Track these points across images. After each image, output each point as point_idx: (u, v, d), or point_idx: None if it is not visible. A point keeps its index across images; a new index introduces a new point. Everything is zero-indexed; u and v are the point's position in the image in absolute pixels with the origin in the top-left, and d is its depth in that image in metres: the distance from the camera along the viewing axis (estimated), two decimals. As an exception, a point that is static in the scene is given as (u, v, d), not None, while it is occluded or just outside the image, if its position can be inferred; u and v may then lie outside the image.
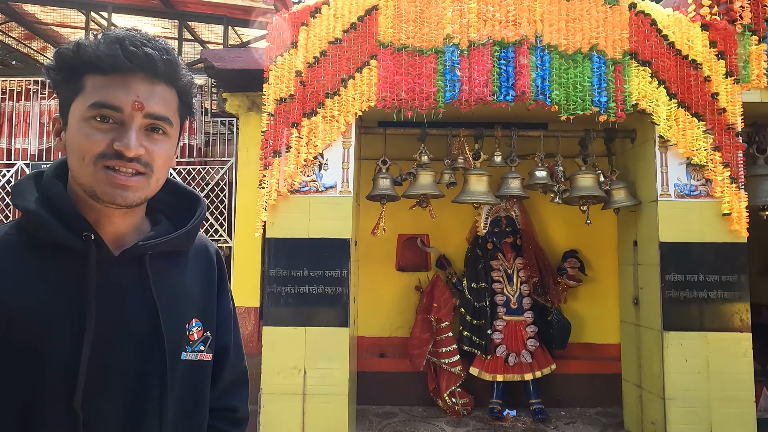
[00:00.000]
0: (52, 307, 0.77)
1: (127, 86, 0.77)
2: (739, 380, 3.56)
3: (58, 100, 0.83)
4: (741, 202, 3.63)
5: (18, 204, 0.80)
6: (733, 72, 3.72)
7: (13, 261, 0.77)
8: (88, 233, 0.79)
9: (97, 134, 0.77)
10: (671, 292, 3.64)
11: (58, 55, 0.79)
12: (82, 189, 0.80)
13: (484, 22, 3.76)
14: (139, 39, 0.78)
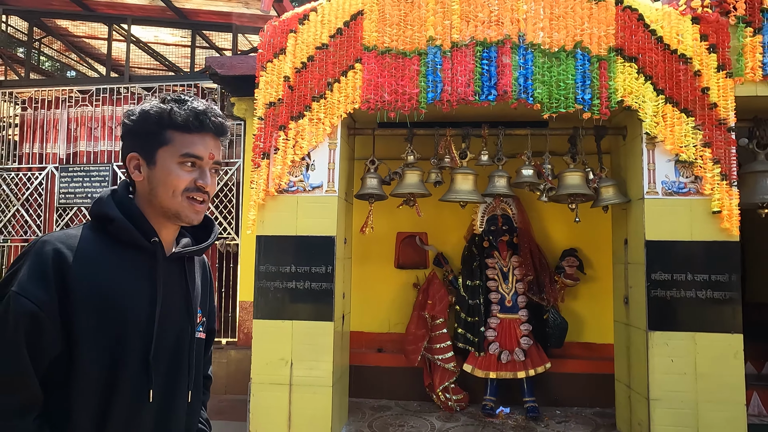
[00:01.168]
0: (134, 286, 1.08)
1: (205, 143, 1.12)
2: (729, 383, 3.46)
3: (134, 144, 1.12)
4: (732, 200, 3.52)
5: (106, 213, 1.08)
6: (725, 65, 3.60)
7: (103, 253, 1.06)
8: (156, 238, 1.11)
9: (186, 174, 1.10)
10: (657, 291, 3.58)
11: (145, 115, 1.09)
12: (164, 211, 1.11)
13: (466, 22, 3.80)
14: (214, 111, 1.13)
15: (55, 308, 0.97)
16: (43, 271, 0.98)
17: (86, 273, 1.01)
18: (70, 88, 5.65)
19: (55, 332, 0.98)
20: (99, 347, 1.01)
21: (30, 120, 5.66)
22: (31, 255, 1.00)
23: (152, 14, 5.56)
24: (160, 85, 5.50)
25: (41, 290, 0.97)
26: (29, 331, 0.95)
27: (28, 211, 5.52)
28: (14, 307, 0.95)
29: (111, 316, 1.02)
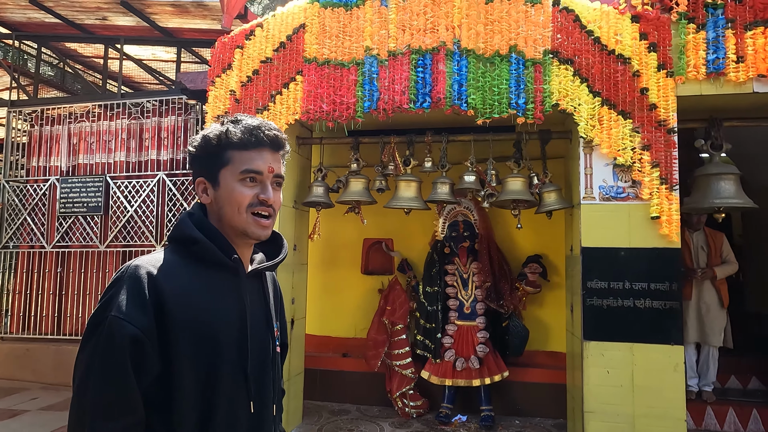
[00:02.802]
0: (223, 304, 1.10)
1: (262, 157, 1.13)
2: (668, 397, 3.30)
3: (200, 169, 1.16)
4: (672, 205, 3.37)
5: (189, 234, 1.11)
6: (666, 64, 3.45)
7: (191, 274, 1.08)
8: (236, 255, 1.14)
9: (247, 191, 1.12)
10: (593, 299, 3.46)
11: (206, 140, 1.14)
12: (233, 229, 1.13)
13: (403, 31, 3.84)
14: (267, 126, 1.15)
15: (154, 331, 1.00)
16: (140, 295, 1.00)
17: (179, 295, 1.03)
18: (70, 105, 6.09)
19: (155, 355, 1.00)
20: (196, 367, 1.03)
21: (36, 135, 6.14)
22: (126, 279, 1.02)
23: (142, 34, 5.91)
24: (148, 99, 5.84)
25: (141, 314, 0.99)
26: (133, 355, 0.97)
27: (33, 219, 5.99)
28: (117, 331, 0.97)
29: (205, 335, 1.05)
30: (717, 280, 4.34)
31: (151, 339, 0.99)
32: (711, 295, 4.35)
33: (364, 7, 3.92)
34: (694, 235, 4.47)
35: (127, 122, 5.89)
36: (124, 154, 5.88)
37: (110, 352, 0.97)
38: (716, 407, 4.30)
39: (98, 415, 0.96)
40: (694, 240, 4.46)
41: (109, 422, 0.96)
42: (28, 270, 6.00)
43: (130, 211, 5.67)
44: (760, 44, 3.33)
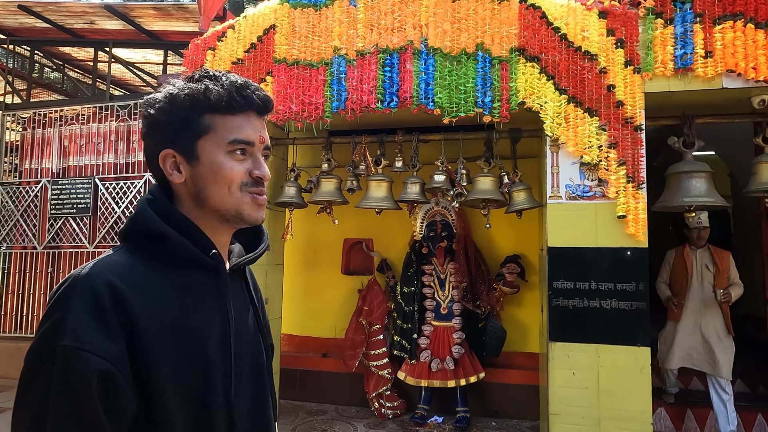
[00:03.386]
0: (205, 313, 0.88)
1: (252, 124, 0.91)
2: (634, 399, 3.24)
3: (166, 138, 0.91)
4: (639, 203, 3.30)
5: (154, 230, 0.86)
6: (633, 61, 3.39)
7: (160, 279, 0.85)
8: (215, 251, 0.91)
9: (238, 166, 0.90)
10: (559, 300, 3.41)
11: (175, 98, 0.88)
12: (220, 213, 0.91)
13: (371, 30, 3.83)
14: (254, 85, 0.93)
15: (126, 357, 0.76)
16: (100, 312, 0.75)
17: (149, 306, 0.80)
18: (61, 108, 6.19)
19: (130, 388, 0.76)
20: (181, 396, 0.81)
21: (29, 138, 6.26)
22: (77, 295, 0.76)
23: (130, 37, 5.99)
24: (135, 102, 5.91)
25: (105, 338, 0.74)
26: (104, 396, 0.73)
27: (26, 221, 6.10)
28: (76, 366, 0.72)
29: (188, 353, 0.83)
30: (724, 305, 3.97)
31: (123, 371, 0.75)
32: (718, 321, 3.97)
33: (333, 7, 3.92)
34: (697, 252, 4.13)
35: (115, 124, 5.97)
36: (113, 156, 5.96)
37: (70, 398, 0.71)
38: (697, 411, 4.21)
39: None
40: (697, 258, 4.10)
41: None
42: (20, 270, 6.11)
43: (117, 212, 5.74)
44: (729, 39, 3.25)
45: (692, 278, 4.08)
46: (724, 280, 3.98)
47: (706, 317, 3.98)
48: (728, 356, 3.89)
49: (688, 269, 4.11)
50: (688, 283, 4.09)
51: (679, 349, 4.05)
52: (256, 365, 0.98)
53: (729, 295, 3.89)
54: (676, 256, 4.26)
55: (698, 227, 4.11)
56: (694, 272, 4.08)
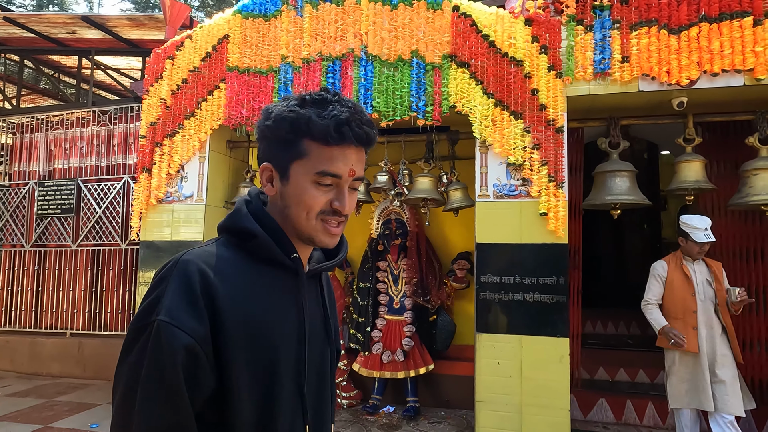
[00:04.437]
0: (281, 309, 0.94)
1: (345, 158, 0.92)
2: (553, 387, 3.41)
3: (268, 153, 0.96)
4: (559, 201, 3.48)
5: (246, 227, 0.94)
6: (555, 66, 3.56)
7: (245, 272, 0.92)
8: (296, 254, 0.97)
9: (321, 196, 0.93)
10: (486, 293, 3.60)
11: (282, 121, 0.92)
12: (297, 232, 0.96)
13: (315, 39, 4.05)
14: (358, 119, 0.92)
15: (209, 339, 0.83)
16: (192, 295, 0.84)
17: (233, 296, 0.87)
18: (46, 114, 6.51)
19: (210, 367, 0.84)
20: (252, 381, 0.88)
21: (18, 142, 6.60)
22: (175, 277, 0.85)
23: (111, 46, 6.29)
24: (115, 108, 6.20)
25: (195, 320, 0.82)
26: (187, 370, 0.81)
27: (15, 221, 6.43)
28: (167, 339, 0.80)
29: (262, 344, 0.89)
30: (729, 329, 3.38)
31: (206, 350, 0.83)
32: (724, 348, 3.34)
33: (281, 18, 4.15)
34: (694, 265, 3.46)
35: (97, 129, 6.28)
36: (95, 158, 6.26)
37: (159, 366, 0.80)
38: (635, 401, 4.36)
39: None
40: (696, 272, 3.44)
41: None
42: (9, 268, 6.45)
43: (98, 212, 6.04)
44: (644, 44, 3.41)
45: (697, 296, 3.38)
46: (723, 294, 3.36)
47: (715, 344, 3.34)
48: (738, 387, 3.30)
49: (691, 285, 3.40)
50: (696, 302, 3.37)
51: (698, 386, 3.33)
52: (321, 368, 1.02)
53: (746, 299, 3.25)
54: (672, 269, 3.50)
55: (705, 242, 3.36)
56: (697, 289, 3.39)
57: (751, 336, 4.20)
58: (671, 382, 3.46)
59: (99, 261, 6.18)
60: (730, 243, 4.30)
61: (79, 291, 6.17)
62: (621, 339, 5.45)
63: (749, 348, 4.20)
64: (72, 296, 6.20)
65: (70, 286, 6.20)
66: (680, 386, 3.40)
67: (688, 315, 3.38)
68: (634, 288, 4.37)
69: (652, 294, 3.54)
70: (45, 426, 4.19)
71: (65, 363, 5.94)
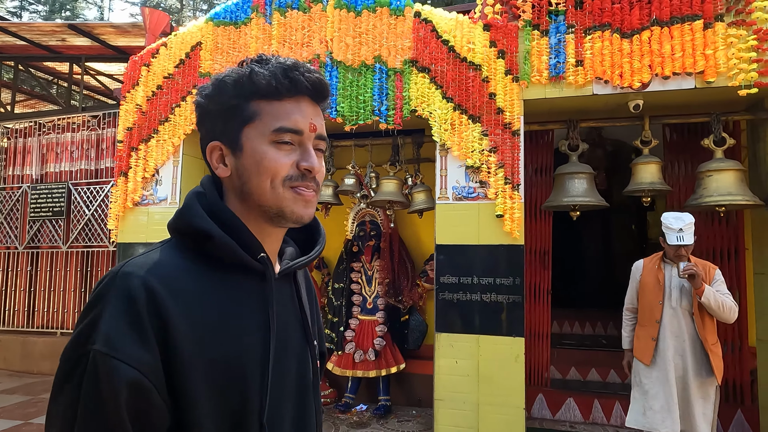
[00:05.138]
0: (248, 322, 0.80)
1: (302, 110, 0.82)
2: (509, 386, 3.47)
3: (213, 128, 0.84)
4: (515, 203, 3.54)
5: (200, 228, 0.79)
6: (512, 70, 3.63)
7: (202, 281, 0.78)
8: (263, 254, 0.83)
9: (284, 157, 0.80)
10: (445, 294, 3.67)
11: (222, 86, 0.81)
12: (263, 210, 0.82)
13: (283, 45, 4.15)
14: (305, 66, 0.83)
15: (160, 368, 0.70)
16: (135, 317, 0.69)
17: (189, 315, 0.73)
18: (39, 119, 6.70)
19: (164, 402, 0.71)
20: (218, 412, 0.75)
21: (12, 147, 6.80)
22: (113, 296, 0.71)
23: (101, 52, 6.46)
24: (104, 112, 6.37)
25: (138, 346, 0.68)
26: (132, 409, 0.68)
27: (9, 223, 6.63)
28: (107, 375, 0.67)
29: (229, 372, 0.76)
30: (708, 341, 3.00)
31: (157, 383, 0.69)
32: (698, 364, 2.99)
33: (250, 25, 4.26)
34: (674, 269, 3.09)
35: (87, 133, 6.45)
36: (85, 162, 6.43)
37: (98, 408, 0.67)
38: (603, 401, 4.40)
39: None
40: (673, 276, 3.09)
41: None
42: (3, 269, 6.64)
43: (87, 214, 6.20)
44: (598, 48, 3.46)
45: (667, 303, 3.08)
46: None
47: (686, 356, 3.02)
48: (710, 411, 3.00)
49: (660, 291, 3.11)
50: (661, 310, 3.09)
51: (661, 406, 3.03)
52: (302, 378, 0.89)
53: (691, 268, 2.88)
54: (647, 271, 3.21)
55: (678, 245, 3.00)
56: (668, 295, 3.09)
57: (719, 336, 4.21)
58: (634, 395, 3.19)
59: (88, 262, 6.34)
60: (702, 243, 4.31)
61: (70, 291, 6.34)
62: (597, 339, 5.48)
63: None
64: (63, 296, 6.37)
65: (61, 286, 6.37)
66: (646, 403, 3.09)
67: (651, 324, 3.11)
68: (618, 289, 4.39)
69: (627, 298, 3.34)
70: (25, 422, 4.33)
71: (55, 361, 6.03)
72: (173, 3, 24.75)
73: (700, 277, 2.90)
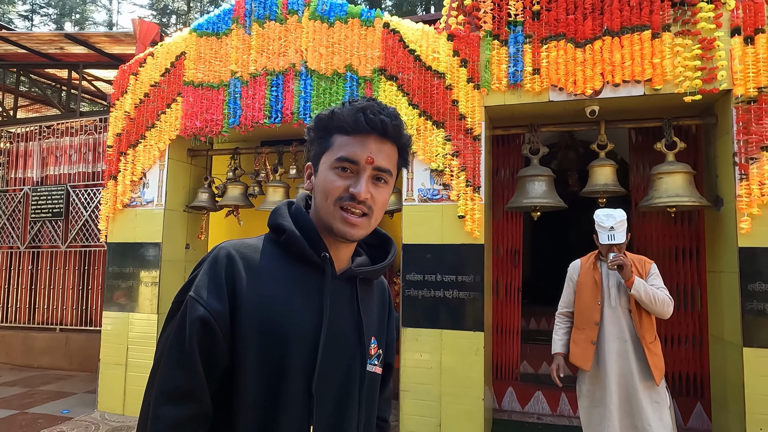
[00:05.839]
0: (302, 304, 0.96)
1: (363, 145, 0.95)
2: (470, 378, 3.67)
3: (311, 153, 1.03)
4: (476, 204, 3.73)
5: (279, 223, 0.99)
6: (474, 78, 3.81)
7: (273, 265, 0.96)
8: (326, 253, 0.98)
9: (338, 181, 0.95)
10: (411, 290, 3.87)
11: (318, 120, 1.00)
12: (323, 224, 0.98)
13: (261, 54, 4.37)
14: (376, 108, 0.96)
15: (227, 318, 0.90)
16: (216, 277, 0.92)
17: (255, 285, 0.93)
18: (40, 124, 6.99)
19: (226, 344, 0.90)
20: (261, 367, 0.91)
21: (14, 151, 7.09)
22: (209, 261, 0.95)
23: (98, 60, 6.72)
24: (101, 117, 6.64)
25: (215, 298, 0.90)
26: (202, 340, 0.89)
27: (11, 224, 6.92)
28: (190, 311, 0.90)
29: (276, 333, 0.92)
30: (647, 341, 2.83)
31: (222, 327, 0.90)
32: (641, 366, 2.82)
33: (231, 35, 4.48)
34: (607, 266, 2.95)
35: (84, 137, 6.72)
36: (83, 165, 6.70)
37: (181, 334, 0.90)
38: (570, 394, 4.57)
39: (162, 396, 0.89)
40: (610, 275, 2.95)
41: (171, 406, 0.88)
42: (6, 268, 6.94)
43: (85, 215, 6.47)
44: (553, 57, 3.64)
45: (606, 304, 2.92)
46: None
47: (629, 359, 2.84)
48: (667, 415, 2.79)
49: (598, 291, 2.95)
50: (599, 311, 2.92)
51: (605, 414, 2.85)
52: (349, 373, 0.99)
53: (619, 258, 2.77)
54: (584, 271, 3.07)
55: (610, 244, 2.89)
56: (606, 295, 2.93)
57: (679, 332, 4.37)
58: (581, 405, 3.01)
59: (86, 261, 6.61)
60: (664, 243, 4.48)
61: (68, 289, 6.61)
62: (571, 336, 5.63)
63: (677, 344, 4.38)
64: (62, 294, 6.65)
65: (60, 284, 6.65)
66: (592, 412, 2.93)
67: (590, 327, 2.93)
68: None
69: (562, 301, 3.15)
70: (21, 411, 4.60)
71: (54, 356, 6.39)
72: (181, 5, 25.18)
73: (628, 267, 2.75)
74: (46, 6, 26.67)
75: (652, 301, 2.76)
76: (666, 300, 2.79)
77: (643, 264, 2.96)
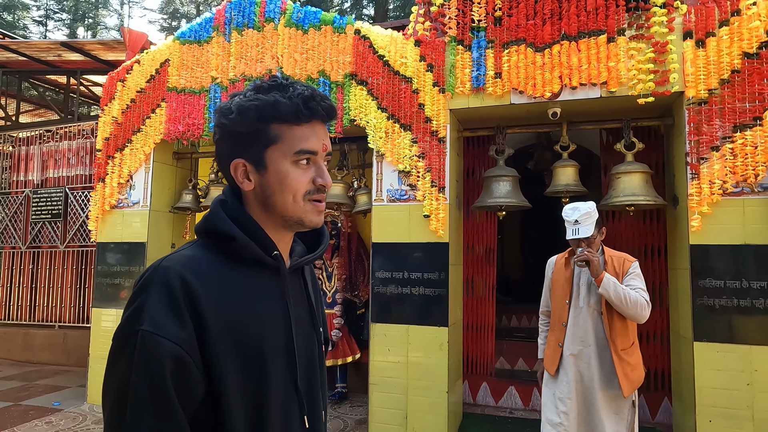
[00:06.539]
0: (266, 309, 0.94)
1: (316, 134, 0.95)
2: (434, 371, 3.80)
3: (236, 148, 0.94)
4: (440, 204, 3.86)
5: (223, 230, 0.92)
6: (439, 82, 3.95)
7: (227, 275, 0.91)
8: (276, 252, 0.96)
9: (303, 176, 0.94)
10: (380, 287, 4.01)
11: (247, 110, 0.92)
12: (285, 219, 0.96)
13: (239, 61, 4.55)
14: (318, 95, 0.95)
15: (195, 344, 0.83)
16: (173, 303, 0.83)
17: (216, 298, 0.87)
18: (40, 128, 7.25)
19: (199, 372, 0.84)
20: (242, 380, 0.88)
21: (16, 155, 7.36)
22: (155, 285, 0.85)
23: (93, 66, 6.97)
24: (96, 122, 6.87)
25: (177, 326, 0.82)
26: (176, 378, 0.81)
27: (13, 225, 7.19)
28: (153, 349, 0.80)
29: (250, 347, 0.90)
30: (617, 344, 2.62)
31: (194, 356, 0.83)
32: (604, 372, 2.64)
33: (212, 43, 4.66)
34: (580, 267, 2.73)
35: (82, 141, 6.96)
36: (81, 168, 6.95)
37: (148, 377, 0.80)
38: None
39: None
40: (582, 273, 2.76)
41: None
42: (8, 267, 7.21)
43: (82, 217, 6.71)
44: (514, 61, 3.76)
45: (573, 303, 2.75)
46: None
47: (590, 364, 2.67)
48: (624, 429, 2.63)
49: (568, 290, 2.78)
50: (567, 311, 2.75)
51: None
52: (310, 357, 1.03)
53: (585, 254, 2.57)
54: (558, 268, 2.90)
55: (576, 238, 2.68)
56: (575, 294, 2.76)
57: (648, 329, 4.46)
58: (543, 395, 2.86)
59: (84, 261, 6.84)
60: (633, 241, 4.57)
61: (67, 288, 6.86)
62: (550, 333, 5.73)
63: (647, 340, 4.46)
64: (61, 292, 6.90)
65: (59, 283, 6.90)
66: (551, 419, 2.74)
67: (558, 328, 2.78)
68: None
69: (542, 300, 3.01)
70: (15, 403, 4.82)
71: (53, 352, 6.63)
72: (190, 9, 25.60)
73: (596, 263, 2.54)
74: (60, 11, 27.24)
75: (623, 301, 2.50)
76: (639, 301, 2.52)
77: (622, 262, 2.72)
